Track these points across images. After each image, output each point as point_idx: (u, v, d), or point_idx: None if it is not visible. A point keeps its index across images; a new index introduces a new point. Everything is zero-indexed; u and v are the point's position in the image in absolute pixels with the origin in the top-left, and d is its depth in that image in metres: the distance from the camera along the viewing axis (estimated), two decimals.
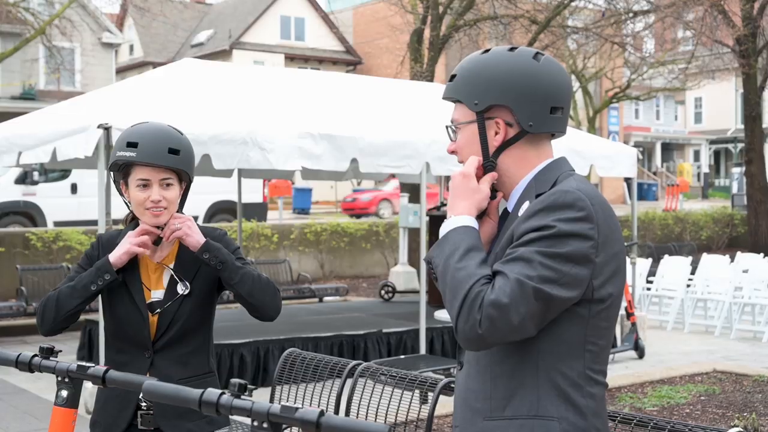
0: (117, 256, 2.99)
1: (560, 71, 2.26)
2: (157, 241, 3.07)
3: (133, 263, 3.07)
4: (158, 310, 3.02)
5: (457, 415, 2.27)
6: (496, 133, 2.22)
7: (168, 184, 3.00)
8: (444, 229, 2.20)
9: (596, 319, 2.13)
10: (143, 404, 3.01)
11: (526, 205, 2.16)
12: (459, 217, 2.19)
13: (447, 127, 2.34)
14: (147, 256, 3.09)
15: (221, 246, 3.02)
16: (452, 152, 2.32)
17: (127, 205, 3.12)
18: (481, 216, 2.28)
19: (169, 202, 3.00)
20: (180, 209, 3.09)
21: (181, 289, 3.03)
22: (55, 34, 22.42)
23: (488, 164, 2.24)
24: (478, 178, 2.25)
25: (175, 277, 3.04)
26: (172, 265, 3.07)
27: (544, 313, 2.06)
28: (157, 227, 3.03)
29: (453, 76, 2.29)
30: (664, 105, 52.36)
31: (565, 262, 2.04)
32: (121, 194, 3.09)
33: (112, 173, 3.10)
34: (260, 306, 3.06)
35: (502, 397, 2.15)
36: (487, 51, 2.28)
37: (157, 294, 3.06)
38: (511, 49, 2.25)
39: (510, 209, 2.25)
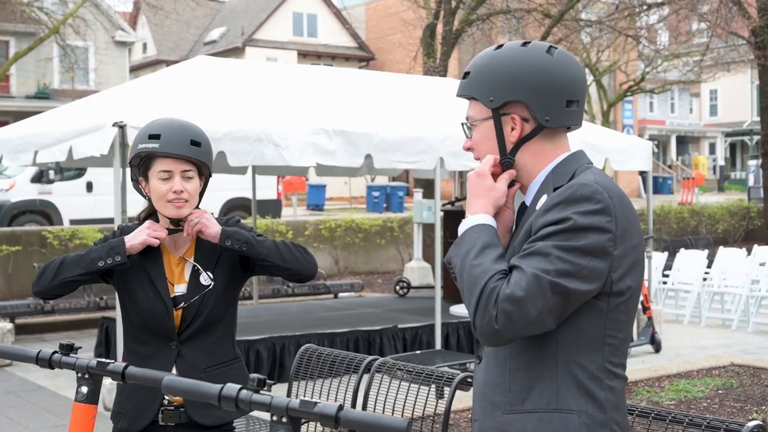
0: (133, 243, 2.99)
1: (574, 64, 2.26)
2: (171, 232, 3.08)
3: (156, 258, 3.09)
4: (182, 305, 3.04)
5: (476, 409, 2.27)
6: (512, 129, 2.22)
7: (189, 177, 3.01)
8: (461, 228, 2.20)
9: (615, 312, 2.13)
10: (166, 400, 3.03)
11: (543, 198, 2.16)
12: (475, 216, 2.19)
13: (462, 124, 2.34)
14: (169, 251, 3.12)
15: (239, 229, 3.04)
16: (468, 149, 2.32)
17: (148, 199, 3.12)
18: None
19: (190, 194, 3.01)
20: (198, 204, 3.11)
21: (205, 279, 3.05)
22: (68, 33, 22.53)
23: (506, 161, 2.23)
24: (495, 175, 2.25)
25: (199, 269, 3.06)
26: (193, 259, 3.10)
27: (563, 306, 2.05)
28: (178, 222, 3.05)
29: (467, 74, 2.28)
30: (678, 98, 52.15)
31: (582, 255, 2.04)
32: (139, 190, 3.10)
33: (129, 169, 3.11)
34: (298, 268, 3.08)
35: (521, 391, 2.15)
36: (500, 47, 2.27)
37: (179, 288, 3.08)
38: (524, 44, 2.25)
39: (528, 203, 2.25)
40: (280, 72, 10.77)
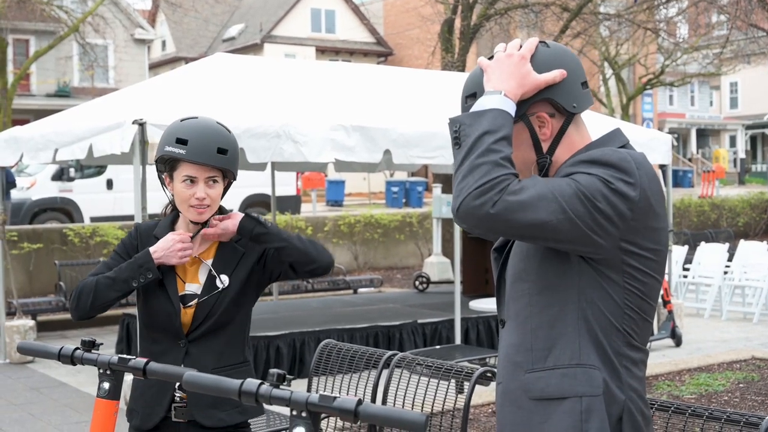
0: (162, 260, 3.01)
1: (568, 50, 2.30)
2: (194, 236, 3.10)
3: None
4: (190, 303, 3.04)
5: (500, 371, 2.29)
6: (541, 127, 2.23)
7: (213, 182, 3.01)
8: (487, 102, 2.13)
9: (632, 280, 2.15)
10: (177, 396, 3.04)
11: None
12: (504, 99, 2.13)
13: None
14: None
15: (257, 221, 3.04)
16: None
17: (171, 199, 3.14)
18: None
19: (212, 200, 3.02)
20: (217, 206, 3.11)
21: (220, 284, 3.05)
22: (88, 32, 22.63)
23: (543, 160, 2.23)
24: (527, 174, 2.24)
25: (213, 272, 3.06)
26: (210, 261, 3.09)
27: (563, 227, 2.05)
28: (198, 224, 3.07)
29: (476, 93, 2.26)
30: (698, 90, 51.81)
31: (600, 198, 2.06)
32: (164, 186, 3.10)
33: (156, 164, 3.11)
34: (315, 254, 3.08)
35: (543, 348, 2.18)
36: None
37: (191, 287, 3.08)
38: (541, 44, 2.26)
39: None
40: (298, 68, 10.78)
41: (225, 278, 3.05)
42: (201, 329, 3.04)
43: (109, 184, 19.49)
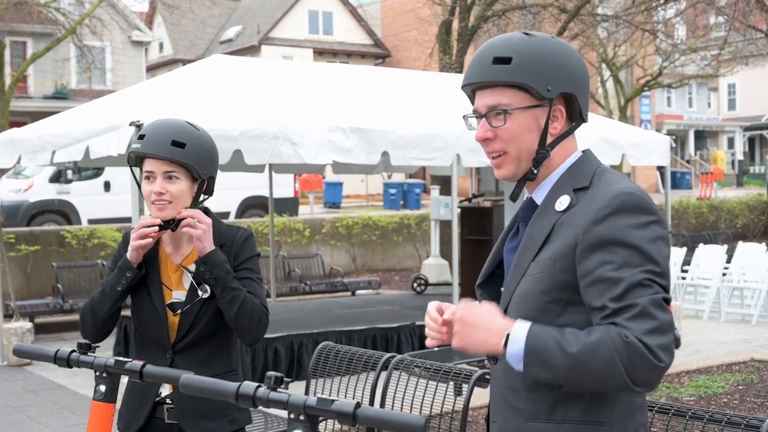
0: (129, 253, 3.01)
1: (578, 57, 2.24)
2: (164, 226, 3.02)
3: (153, 263, 3.07)
4: (179, 311, 3.01)
5: (495, 411, 2.21)
6: (553, 121, 2.16)
7: (172, 177, 2.96)
8: (515, 348, 1.99)
9: None
10: (167, 400, 3.02)
11: (564, 199, 2.11)
12: (515, 329, 2.00)
13: (476, 113, 2.20)
14: (168, 255, 3.09)
15: (223, 262, 2.97)
16: (487, 139, 2.17)
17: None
18: None
19: (173, 196, 2.96)
20: (193, 208, 3.03)
21: (201, 293, 3.00)
22: (85, 34, 22.61)
23: (542, 152, 2.15)
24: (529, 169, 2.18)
25: (194, 282, 3.02)
26: (192, 267, 3.04)
27: None
28: (168, 223, 3.01)
29: (502, 59, 2.13)
30: (696, 92, 51.84)
31: (658, 268, 2.00)
32: (140, 188, 3.09)
33: (129, 167, 3.11)
34: (238, 331, 3.03)
35: (548, 400, 2.08)
36: (527, 35, 2.18)
37: (178, 295, 3.05)
38: (552, 37, 2.21)
39: (538, 201, 2.18)
40: (296, 70, 10.77)
41: (208, 287, 3.00)
42: (186, 339, 3.01)
43: (107, 186, 19.47)
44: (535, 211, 2.17)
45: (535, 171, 2.16)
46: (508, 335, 1.99)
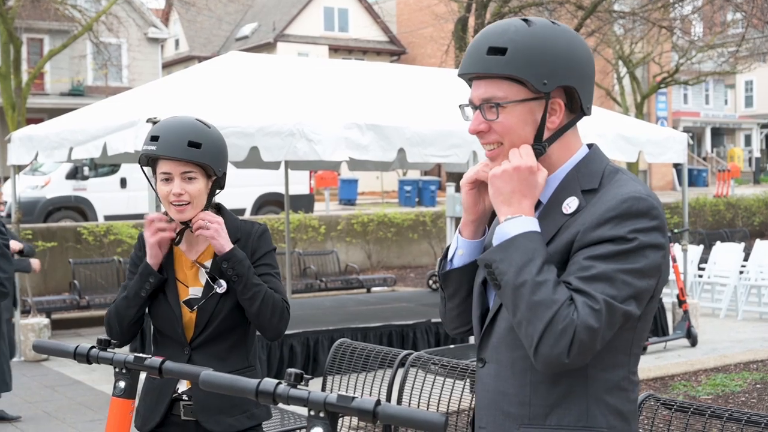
0: (149, 255, 3.02)
1: (587, 49, 2.14)
2: (181, 233, 3.05)
3: (169, 260, 3.08)
4: (195, 307, 3.02)
5: (483, 416, 2.13)
6: (551, 115, 2.06)
7: (190, 178, 2.96)
8: (510, 230, 1.98)
9: (643, 323, 2.05)
10: (184, 396, 3.03)
11: (572, 201, 2.03)
12: (527, 219, 1.99)
13: (472, 103, 2.11)
14: (183, 252, 3.09)
15: (244, 259, 2.98)
16: (481, 132, 2.09)
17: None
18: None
19: (192, 196, 2.96)
20: (208, 205, 3.05)
21: (217, 288, 3.01)
22: (102, 31, 22.71)
23: (538, 148, 2.05)
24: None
25: (209, 277, 3.02)
26: (208, 263, 3.06)
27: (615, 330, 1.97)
28: (187, 223, 3.02)
29: (497, 49, 2.04)
30: (713, 89, 51.57)
31: (642, 277, 1.94)
32: (153, 188, 3.10)
33: (141, 168, 3.11)
34: (260, 327, 3.06)
35: (544, 405, 2.02)
36: (526, 21, 2.07)
37: (194, 291, 3.05)
38: (554, 23, 2.09)
39: (543, 199, 2.09)
40: (311, 67, 10.77)
41: (223, 282, 3.01)
42: (203, 335, 3.02)
43: (123, 182, 19.55)
44: (540, 210, 2.08)
45: None
46: (518, 218, 1.98)
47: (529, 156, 2.03)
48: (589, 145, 2.14)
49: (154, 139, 2.95)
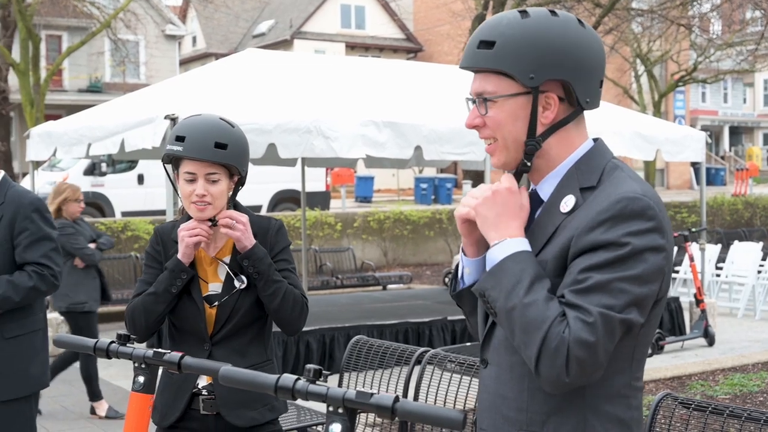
0: (182, 253, 3.02)
1: (600, 39, 2.08)
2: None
3: None
4: (216, 303, 3.03)
5: (484, 418, 2.11)
6: (545, 110, 1.99)
7: (214, 181, 2.97)
8: (497, 255, 1.94)
9: (647, 328, 1.98)
10: (204, 391, 3.04)
11: (569, 199, 1.97)
12: (512, 241, 1.94)
13: (468, 99, 2.07)
14: (202, 248, 3.10)
15: (265, 256, 3.00)
16: (475, 127, 2.05)
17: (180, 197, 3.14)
18: None
19: (214, 197, 2.98)
20: (231, 204, 3.07)
21: (238, 283, 3.02)
22: (120, 28, 22.80)
23: (532, 144, 1.99)
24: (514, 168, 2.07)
25: (230, 272, 3.04)
26: (227, 259, 3.07)
27: (619, 338, 1.90)
28: (212, 220, 3.03)
29: (488, 43, 1.99)
30: (732, 87, 51.24)
31: (641, 283, 1.87)
32: (174, 186, 3.11)
33: (163, 166, 3.12)
34: (280, 322, 3.08)
35: (541, 412, 1.97)
36: (523, 12, 2.01)
37: (214, 287, 3.07)
38: (553, 13, 2.01)
39: (544, 197, 2.04)
40: (328, 64, 10.78)
41: (244, 278, 3.02)
42: (224, 331, 3.04)
43: (140, 179, 19.63)
44: (540, 208, 2.03)
45: (528, 163, 2.02)
46: (503, 242, 1.94)
47: (507, 179, 2.01)
48: (595, 140, 2.08)
49: (179, 139, 2.94)
